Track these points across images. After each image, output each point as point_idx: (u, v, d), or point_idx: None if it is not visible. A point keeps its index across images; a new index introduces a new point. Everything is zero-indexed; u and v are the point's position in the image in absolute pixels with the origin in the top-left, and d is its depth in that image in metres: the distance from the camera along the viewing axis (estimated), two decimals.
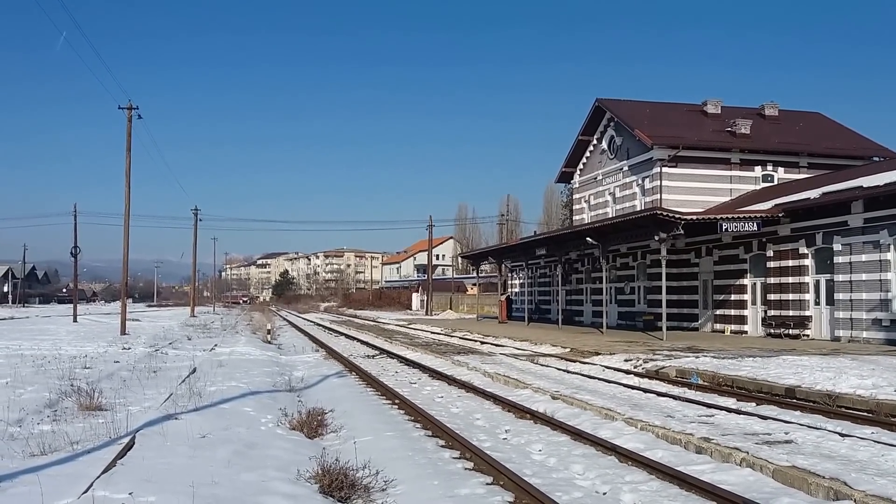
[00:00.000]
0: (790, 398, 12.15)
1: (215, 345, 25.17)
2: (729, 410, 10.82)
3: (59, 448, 7.86)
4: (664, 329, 25.03)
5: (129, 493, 5.84)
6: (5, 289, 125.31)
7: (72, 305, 52.75)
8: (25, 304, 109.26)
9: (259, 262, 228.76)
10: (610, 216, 35.63)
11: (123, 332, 30.87)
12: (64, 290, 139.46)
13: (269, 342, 28.06)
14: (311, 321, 56.06)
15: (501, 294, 47.10)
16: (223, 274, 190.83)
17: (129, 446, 7.89)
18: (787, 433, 9.00)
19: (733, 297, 28.72)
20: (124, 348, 22.52)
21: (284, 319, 58.55)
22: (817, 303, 24.81)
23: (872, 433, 9.03)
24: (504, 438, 9.45)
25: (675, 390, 13.45)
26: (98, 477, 6.52)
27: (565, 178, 44.88)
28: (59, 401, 11.01)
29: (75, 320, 46.27)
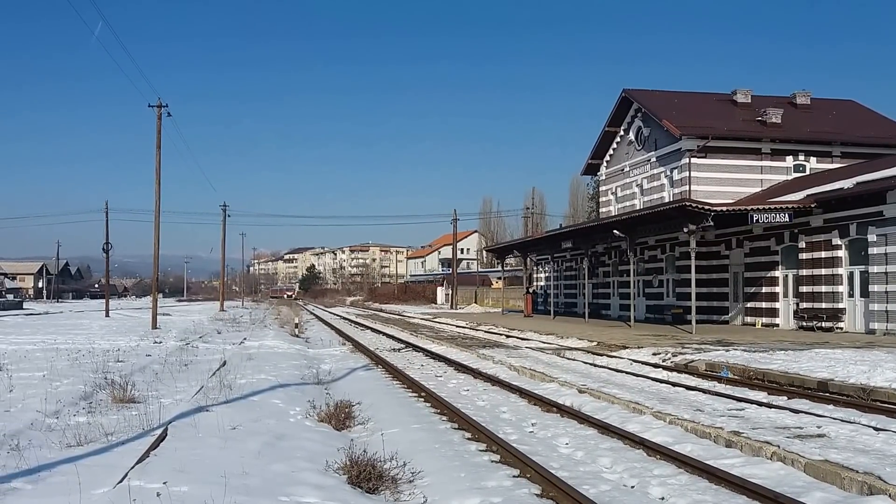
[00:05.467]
0: (823, 392, 11.93)
1: (244, 338, 25.52)
2: (760, 404, 10.66)
3: (95, 439, 8.04)
4: (693, 322, 24.72)
5: (164, 483, 5.95)
6: (40, 284, 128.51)
7: (104, 300, 53.85)
8: (59, 300, 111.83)
9: (286, 256, 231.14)
10: (637, 208, 35.24)
11: (154, 326, 31.44)
12: (96, 286, 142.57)
13: (297, 336, 28.35)
14: (338, 315, 56.49)
15: (527, 288, 46.93)
16: (251, 269, 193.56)
17: (162, 438, 8.05)
18: (819, 427, 8.84)
19: (764, 289, 28.26)
20: (156, 342, 22.94)
21: (311, 313, 59.09)
22: (851, 295, 24.28)
23: None
24: (530, 432, 9.43)
25: (705, 384, 13.29)
26: (133, 467, 6.67)
27: (591, 170, 44.50)
28: (94, 393, 11.26)
29: (107, 315, 47.26)
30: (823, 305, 24.99)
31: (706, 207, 23.79)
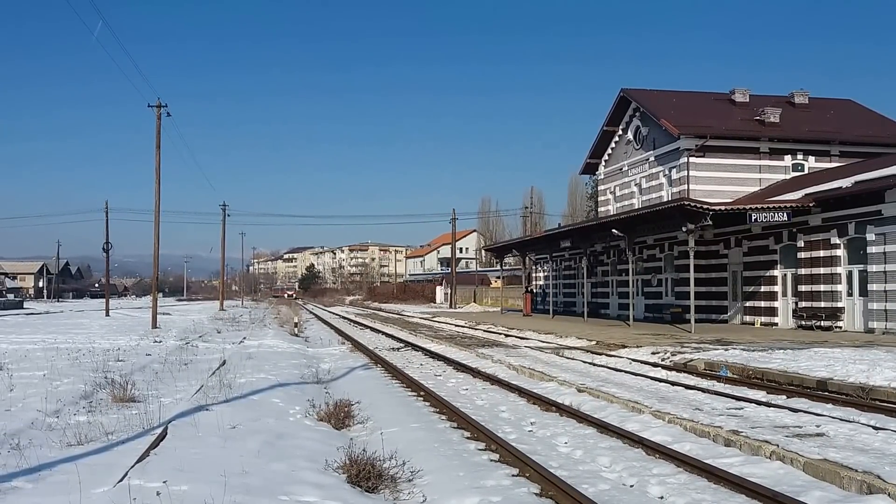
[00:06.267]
0: (822, 391, 11.95)
1: (244, 338, 25.52)
2: (759, 403, 10.67)
3: (95, 438, 8.06)
4: (692, 321, 24.76)
5: (164, 482, 5.96)
6: (40, 284, 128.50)
7: (104, 300, 53.88)
8: (59, 299, 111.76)
9: (286, 256, 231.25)
10: (636, 207, 35.27)
11: (154, 325, 31.44)
12: (96, 285, 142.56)
13: (297, 335, 28.36)
14: (337, 314, 56.51)
15: (526, 287, 46.97)
16: (251, 268, 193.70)
17: (162, 437, 8.06)
18: (818, 426, 8.86)
19: (763, 288, 28.29)
20: (155, 341, 22.94)
21: (311, 313, 59.09)
22: (850, 294, 24.31)
23: None
24: (529, 431, 9.44)
25: (704, 383, 13.31)
26: (133, 466, 6.69)
27: (590, 169, 44.53)
28: (94, 392, 11.27)
29: (107, 314, 47.27)
30: (822, 304, 25.02)
31: (705, 206, 23.82)
